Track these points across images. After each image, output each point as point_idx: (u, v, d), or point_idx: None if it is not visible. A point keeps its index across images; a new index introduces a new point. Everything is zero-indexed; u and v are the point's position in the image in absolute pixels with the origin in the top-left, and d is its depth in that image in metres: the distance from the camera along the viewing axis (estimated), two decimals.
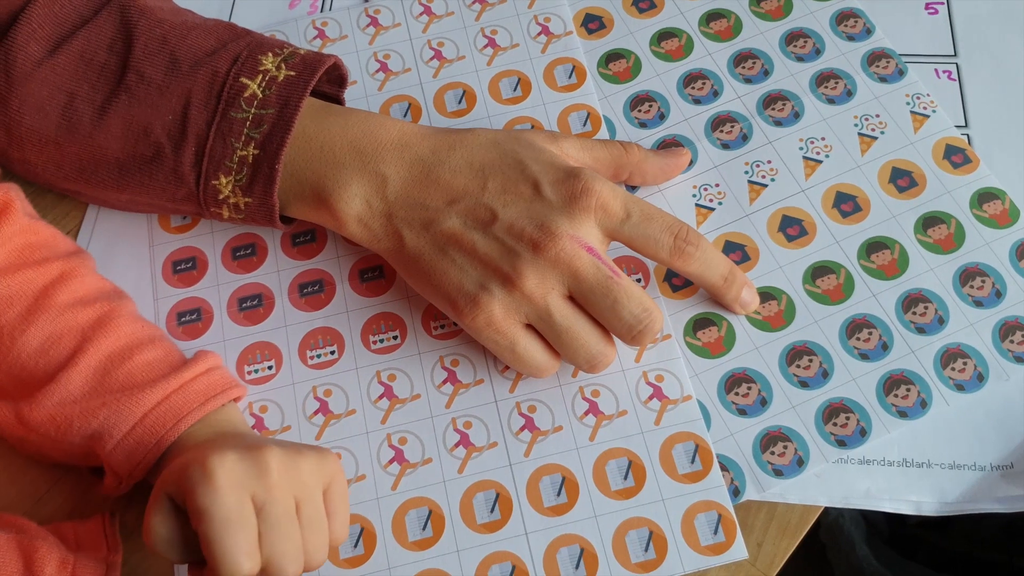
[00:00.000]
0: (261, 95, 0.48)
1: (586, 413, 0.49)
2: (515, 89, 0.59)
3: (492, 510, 0.47)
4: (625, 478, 0.48)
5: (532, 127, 0.57)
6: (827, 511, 0.48)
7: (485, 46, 0.60)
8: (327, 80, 0.54)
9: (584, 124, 0.57)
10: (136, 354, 0.46)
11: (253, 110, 0.48)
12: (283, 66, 0.49)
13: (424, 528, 0.47)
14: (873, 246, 0.52)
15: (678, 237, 0.48)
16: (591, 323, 0.47)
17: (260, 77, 0.49)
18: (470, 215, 0.48)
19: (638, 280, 0.52)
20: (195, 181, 0.49)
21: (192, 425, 0.45)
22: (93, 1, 0.51)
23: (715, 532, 0.46)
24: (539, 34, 0.61)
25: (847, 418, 0.48)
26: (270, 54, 0.50)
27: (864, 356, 0.50)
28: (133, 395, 0.44)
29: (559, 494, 0.48)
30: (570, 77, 0.59)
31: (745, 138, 0.56)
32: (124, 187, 0.51)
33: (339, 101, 0.55)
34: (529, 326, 0.48)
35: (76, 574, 0.42)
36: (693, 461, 0.48)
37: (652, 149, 0.54)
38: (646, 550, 0.46)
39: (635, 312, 0.46)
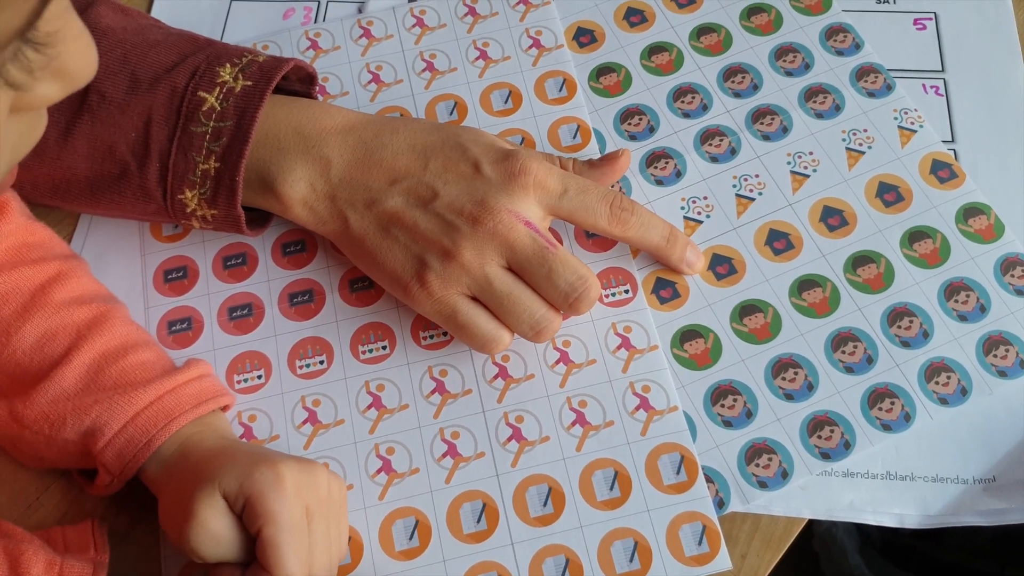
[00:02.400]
0: (219, 108, 0.49)
1: (573, 423, 0.50)
2: (506, 101, 0.59)
3: (479, 520, 0.48)
4: (611, 489, 0.48)
5: (523, 140, 0.58)
6: (820, 520, 0.49)
7: (477, 58, 0.61)
8: (297, 80, 0.54)
9: (574, 136, 0.58)
10: (130, 354, 0.47)
11: (212, 123, 0.49)
12: (240, 76, 0.50)
13: (411, 538, 0.48)
14: (859, 260, 0.53)
15: (613, 205, 0.50)
16: (531, 291, 0.48)
17: (217, 90, 0.49)
18: (411, 194, 0.49)
19: (626, 291, 0.53)
20: (162, 196, 0.50)
21: (183, 427, 0.46)
22: None
23: (699, 543, 0.46)
24: (530, 47, 0.61)
25: (831, 431, 0.49)
26: (228, 65, 0.50)
27: (849, 369, 0.50)
28: (126, 393, 0.45)
29: (545, 504, 0.48)
30: (561, 90, 0.59)
31: (733, 152, 0.57)
32: (97, 204, 0.52)
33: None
34: (474, 298, 0.49)
35: (63, 574, 0.42)
36: (679, 472, 0.48)
37: (587, 161, 0.54)
38: (631, 560, 0.46)
39: (570, 279, 0.47)
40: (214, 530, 0.41)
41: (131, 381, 0.46)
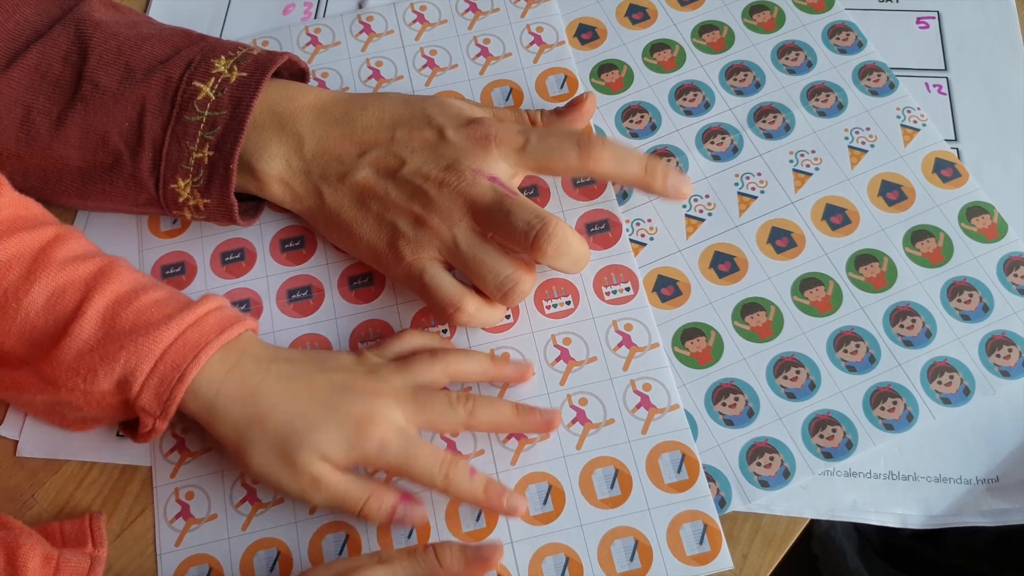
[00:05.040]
0: (214, 97, 0.49)
1: (573, 421, 0.49)
2: (507, 98, 0.59)
3: (478, 518, 0.47)
4: (611, 487, 0.48)
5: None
6: (819, 522, 0.48)
7: (478, 55, 0.61)
8: (288, 76, 0.55)
9: None
10: (142, 295, 0.46)
11: (206, 112, 0.49)
12: (235, 68, 0.50)
13: (409, 536, 0.47)
14: (862, 259, 0.53)
15: (580, 141, 0.50)
16: (499, 250, 0.48)
17: (212, 80, 0.49)
18: (380, 164, 0.50)
19: (627, 288, 0.53)
20: (154, 186, 0.50)
21: (212, 356, 0.45)
22: (46, 16, 0.51)
23: (700, 542, 0.46)
24: (532, 43, 0.61)
25: (834, 430, 0.48)
26: (223, 57, 0.50)
27: (851, 368, 0.50)
28: (149, 333, 0.44)
29: (545, 502, 0.48)
30: (562, 87, 0.59)
31: (736, 150, 0.56)
32: (87, 195, 0.51)
33: None
34: (446, 264, 0.49)
35: (60, 568, 0.42)
36: (679, 471, 0.48)
37: (554, 110, 0.54)
38: (631, 559, 0.46)
39: (527, 218, 0.47)
40: (341, 492, 0.45)
41: (150, 320, 0.45)
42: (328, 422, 0.45)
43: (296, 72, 0.54)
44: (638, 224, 0.55)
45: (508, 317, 0.52)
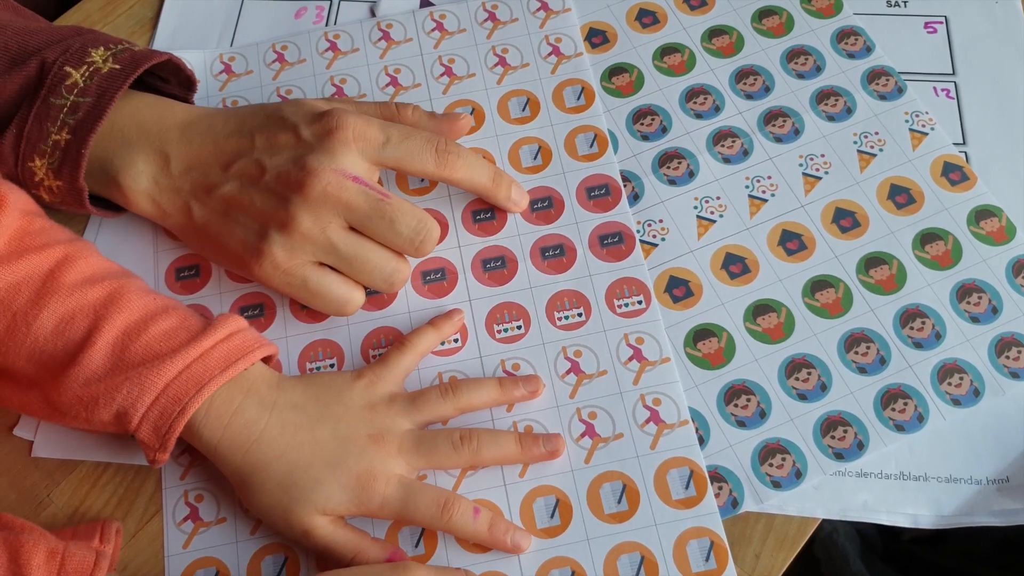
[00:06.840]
0: (82, 84, 0.50)
1: (582, 435, 0.49)
2: (524, 109, 0.59)
3: None
4: (619, 502, 0.48)
5: (540, 148, 0.58)
6: (822, 525, 0.48)
7: (495, 64, 0.61)
8: (176, 83, 0.56)
9: (591, 145, 0.57)
10: (151, 325, 0.46)
11: (72, 97, 0.50)
12: (111, 59, 0.51)
13: (416, 545, 0.47)
14: (871, 261, 0.53)
15: (439, 148, 0.51)
16: (377, 245, 0.50)
17: (85, 68, 0.50)
18: (244, 174, 0.50)
19: (639, 302, 0.53)
20: (14, 162, 0.51)
21: (217, 392, 0.45)
22: None
23: (707, 559, 0.46)
24: (550, 54, 0.61)
25: (845, 431, 0.49)
26: (102, 48, 0.51)
27: (862, 370, 0.50)
28: (154, 367, 0.45)
29: (552, 516, 0.47)
30: (579, 98, 0.59)
31: (746, 153, 0.57)
32: None
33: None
34: (322, 264, 0.50)
35: (65, 563, 0.42)
36: (687, 487, 0.48)
37: (430, 113, 0.55)
38: (637, 575, 0.46)
39: (412, 224, 0.49)
40: (330, 544, 0.45)
41: (157, 353, 0.45)
42: (330, 481, 0.45)
43: (184, 80, 0.55)
44: (649, 225, 0.55)
45: (520, 328, 0.52)
